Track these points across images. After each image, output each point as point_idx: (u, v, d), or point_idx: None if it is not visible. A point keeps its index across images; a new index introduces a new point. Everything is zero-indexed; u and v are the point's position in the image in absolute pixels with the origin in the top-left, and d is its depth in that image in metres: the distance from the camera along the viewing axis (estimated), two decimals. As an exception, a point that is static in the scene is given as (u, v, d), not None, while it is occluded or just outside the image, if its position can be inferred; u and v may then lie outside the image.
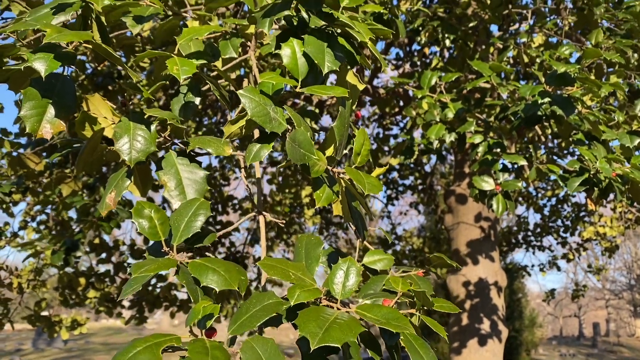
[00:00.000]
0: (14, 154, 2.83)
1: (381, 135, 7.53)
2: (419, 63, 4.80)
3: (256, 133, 1.42)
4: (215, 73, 1.68)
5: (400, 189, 8.57)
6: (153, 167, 1.45)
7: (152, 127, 1.27)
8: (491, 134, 3.01)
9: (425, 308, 1.12)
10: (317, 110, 5.70)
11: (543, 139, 2.83)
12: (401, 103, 5.27)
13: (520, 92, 2.22)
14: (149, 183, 1.52)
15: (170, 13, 1.70)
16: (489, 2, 3.70)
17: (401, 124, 7.07)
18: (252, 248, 8.34)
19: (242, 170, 1.68)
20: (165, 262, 0.96)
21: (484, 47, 4.37)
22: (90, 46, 1.16)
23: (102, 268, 6.09)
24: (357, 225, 1.34)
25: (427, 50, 4.52)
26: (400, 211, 10.02)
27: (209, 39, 1.63)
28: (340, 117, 1.19)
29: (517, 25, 4.24)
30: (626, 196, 2.54)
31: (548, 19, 3.97)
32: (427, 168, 8.56)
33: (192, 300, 0.95)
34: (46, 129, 1.22)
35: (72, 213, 4.58)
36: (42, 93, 1.21)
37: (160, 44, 2.77)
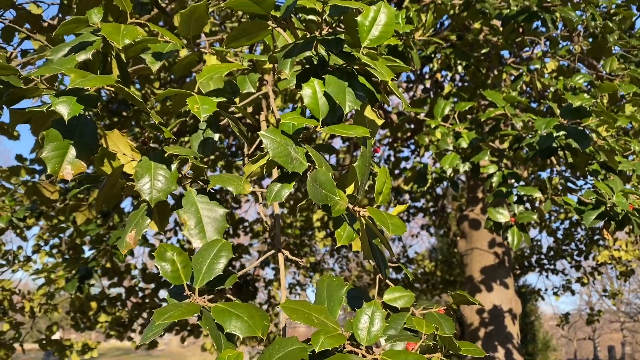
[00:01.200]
0: (30, 183, 2.85)
1: (392, 158, 7.53)
2: (430, 87, 4.81)
3: (274, 171, 1.42)
4: (233, 109, 1.69)
5: (412, 211, 8.53)
6: (170, 199, 1.46)
7: (173, 167, 1.28)
8: (505, 162, 3.00)
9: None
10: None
11: (558, 167, 2.81)
12: (412, 125, 5.27)
13: (536, 126, 2.21)
14: (167, 218, 1.52)
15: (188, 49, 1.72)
16: (501, 28, 3.71)
17: (412, 147, 7.06)
18: (262, 270, 8.31)
19: (260, 205, 1.67)
20: (188, 307, 0.95)
21: (496, 72, 4.38)
22: (113, 89, 1.17)
23: (113, 292, 6.08)
24: (378, 263, 1.33)
25: (439, 76, 4.54)
26: (412, 233, 9.96)
27: (227, 75, 1.64)
28: (362, 156, 1.19)
29: (529, 52, 4.25)
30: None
31: (561, 44, 3.97)
32: (439, 190, 8.52)
33: (216, 348, 0.94)
34: (67, 170, 1.23)
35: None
36: (64, 134, 1.22)
37: (178, 77, 2.80)
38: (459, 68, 4.01)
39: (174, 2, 2.57)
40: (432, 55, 3.83)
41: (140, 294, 5.77)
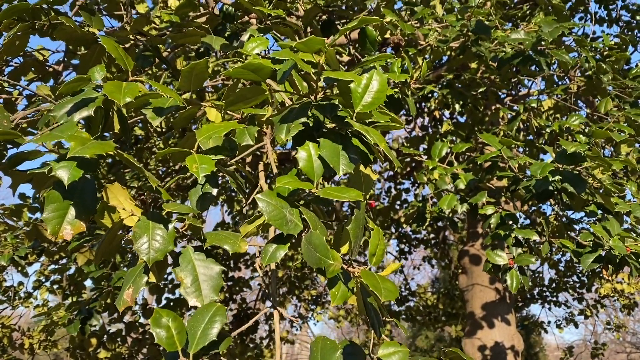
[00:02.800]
0: (31, 225, 2.88)
1: (393, 191, 7.56)
2: (427, 124, 4.87)
3: (271, 230, 1.44)
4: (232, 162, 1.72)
5: (414, 242, 8.51)
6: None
7: (170, 226, 1.30)
8: (504, 198, 3.02)
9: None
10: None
11: (556, 209, 2.83)
12: (412, 161, 5.32)
13: (531, 171, 2.24)
14: (164, 270, 1.54)
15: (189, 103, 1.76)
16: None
17: (412, 179, 7.09)
18: (263, 304, 8.26)
19: (257, 260, 1.69)
20: (182, 377, 0.96)
21: (493, 109, 4.43)
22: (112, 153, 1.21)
23: (113, 328, 6.05)
24: (372, 322, 1.34)
25: (437, 114, 4.60)
26: (414, 265, 9.92)
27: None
28: (356, 219, 1.22)
29: (526, 90, 4.31)
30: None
31: (557, 83, 4.04)
32: (440, 222, 8.51)
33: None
34: (67, 230, 1.25)
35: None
36: (64, 195, 1.25)
37: (178, 129, 2.85)
38: (457, 106, 4.07)
39: (176, 49, 2.63)
40: (430, 95, 3.89)
41: (141, 330, 5.74)
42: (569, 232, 2.89)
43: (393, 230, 8.20)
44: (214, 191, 1.55)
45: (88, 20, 1.88)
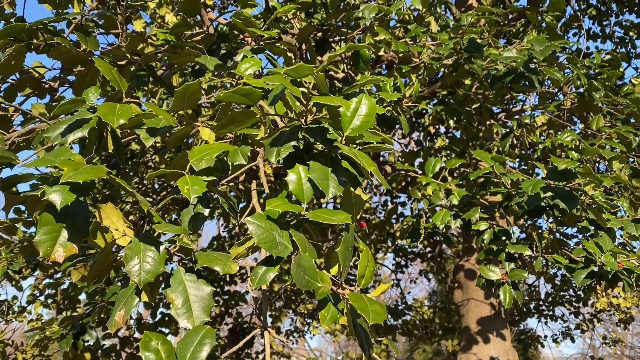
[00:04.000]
0: (26, 242, 2.88)
1: (389, 204, 7.56)
2: (422, 139, 4.90)
3: (263, 251, 1.45)
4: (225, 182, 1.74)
5: (410, 256, 8.50)
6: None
7: (162, 248, 1.31)
8: (499, 213, 3.03)
9: None
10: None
11: (549, 224, 2.85)
12: (407, 176, 5.34)
13: (523, 187, 2.26)
14: (157, 289, 1.54)
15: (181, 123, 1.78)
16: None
17: (408, 193, 7.11)
18: (259, 319, 8.18)
19: (249, 279, 1.70)
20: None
21: (488, 125, 4.46)
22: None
23: (108, 342, 6.01)
24: (362, 343, 1.35)
25: (432, 129, 4.63)
26: (411, 279, 9.91)
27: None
28: (345, 242, 1.23)
29: (519, 106, 4.35)
30: (635, 286, 2.53)
31: (550, 100, 4.07)
32: (435, 237, 8.50)
33: None
34: (59, 252, 1.26)
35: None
36: (57, 218, 1.26)
37: (172, 148, 2.86)
38: (451, 122, 4.10)
39: (171, 67, 2.66)
40: (424, 111, 3.93)
41: (135, 344, 5.71)
42: (562, 248, 2.90)
43: (389, 243, 8.20)
44: (206, 211, 1.57)
45: (83, 41, 1.91)
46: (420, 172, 3.54)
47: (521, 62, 2.96)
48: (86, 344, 3.57)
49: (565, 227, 2.80)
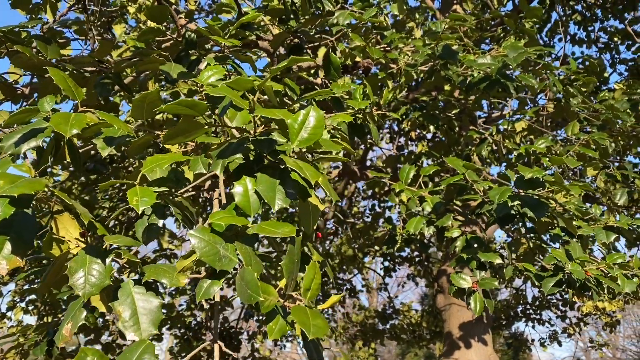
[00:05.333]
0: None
1: (378, 209, 7.56)
2: (403, 145, 4.90)
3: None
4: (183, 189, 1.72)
5: (398, 260, 8.50)
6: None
7: (108, 260, 1.30)
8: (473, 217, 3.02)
9: None
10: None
11: (522, 230, 2.85)
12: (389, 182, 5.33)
13: (490, 195, 2.26)
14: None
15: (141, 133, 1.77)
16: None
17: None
18: (246, 323, 8.20)
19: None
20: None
21: (470, 129, 4.47)
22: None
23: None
24: (311, 355, 1.34)
25: (413, 134, 4.63)
26: (399, 283, 9.90)
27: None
28: (289, 254, 1.22)
29: (499, 113, 4.36)
30: (606, 293, 2.53)
31: (528, 106, 4.09)
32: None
33: None
34: (2, 265, 1.25)
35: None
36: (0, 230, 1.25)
37: (133, 157, 2.84)
38: (431, 128, 4.11)
39: (143, 73, 2.64)
40: (403, 117, 3.93)
41: (118, 351, 5.67)
42: (540, 255, 2.90)
43: (378, 247, 8.19)
44: (160, 222, 1.56)
45: (43, 49, 1.89)
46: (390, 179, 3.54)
47: (495, 69, 2.96)
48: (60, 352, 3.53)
49: (536, 235, 2.80)
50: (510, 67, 3.08)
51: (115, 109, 3.07)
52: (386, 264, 8.46)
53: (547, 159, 3.05)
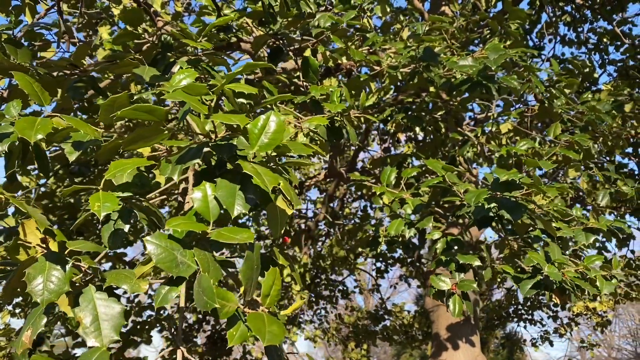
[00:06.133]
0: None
1: (369, 209, 7.55)
2: (389, 147, 4.91)
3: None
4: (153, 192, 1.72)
5: (390, 261, 8.49)
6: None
7: (68, 267, 1.29)
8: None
9: None
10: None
11: (502, 234, 2.85)
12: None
13: (466, 199, 2.26)
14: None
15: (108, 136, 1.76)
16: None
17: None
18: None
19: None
20: None
21: (453, 131, 4.47)
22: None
23: (78, 351, 5.95)
24: (272, 358, 1.34)
25: (400, 135, 4.63)
26: (391, 284, 9.90)
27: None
28: (247, 260, 1.22)
29: (484, 114, 4.37)
30: (586, 294, 2.53)
31: (513, 107, 4.09)
32: (416, 240, 8.50)
33: None
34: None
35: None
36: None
37: (103, 162, 2.84)
38: (417, 129, 4.11)
39: (119, 77, 2.64)
40: (388, 119, 3.93)
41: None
42: (523, 256, 2.90)
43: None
44: (126, 227, 1.55)
45: (13, 53, 1.88)
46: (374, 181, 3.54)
47: (475, 71, 2.96)
48: (53, 348, 3.53)
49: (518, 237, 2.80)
50: (492, 69, 3.09)
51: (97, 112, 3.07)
52: (378, 265, 8.47)
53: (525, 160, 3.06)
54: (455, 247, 2.73)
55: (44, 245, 1.37)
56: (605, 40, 7.10)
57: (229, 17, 2.02)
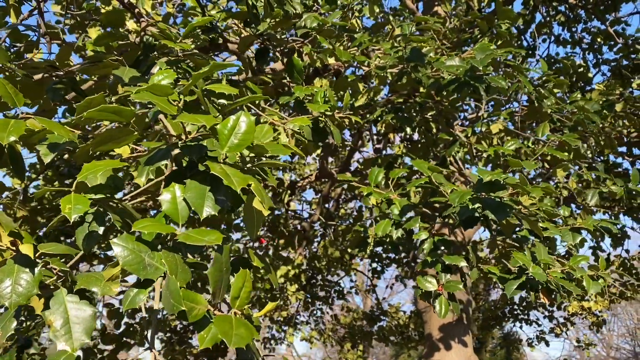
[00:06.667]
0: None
1: (365, 209, 7.54)
2: (381, 147, 4.90)
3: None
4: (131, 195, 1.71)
5: (386, 262, 8.48)
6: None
7: (37, 270, 1.28)
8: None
9: None
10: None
11: (489, 234, 2.84)
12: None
13: (450, 199, 2.25)
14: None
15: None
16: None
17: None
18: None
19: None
20: None
21: (442, 131, 4.46)
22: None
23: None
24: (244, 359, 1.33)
25: (392, 136, 4.62)
26: (387, 284, 9.89)
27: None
28: (216, 262, 1.21)
29: (474, 114, 4.36)
30: (573, 296, 2.53)
31: (503, 108, 4.08)
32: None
33: None
34: None
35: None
36: None
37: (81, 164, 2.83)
38: (408, 130, 4.10)
39: (103, 79, 2.62)
40: (379, 119, 3.92)
41: (100, 356, 5.63)
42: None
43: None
44: (101, 229, 1.54)
45: (-10, 55, 1.87)
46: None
47: (462, 71, 2.96)
48: (33, 356, 3.52)
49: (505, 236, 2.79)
50: (479, 68, 3.08)
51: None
52: (374, 265, 8.46)
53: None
54: (442, 248, 2.72)
55: (13, 248, 1.36)
56: (599, 40, 7.10)
57: (209, 17, 2.01)
